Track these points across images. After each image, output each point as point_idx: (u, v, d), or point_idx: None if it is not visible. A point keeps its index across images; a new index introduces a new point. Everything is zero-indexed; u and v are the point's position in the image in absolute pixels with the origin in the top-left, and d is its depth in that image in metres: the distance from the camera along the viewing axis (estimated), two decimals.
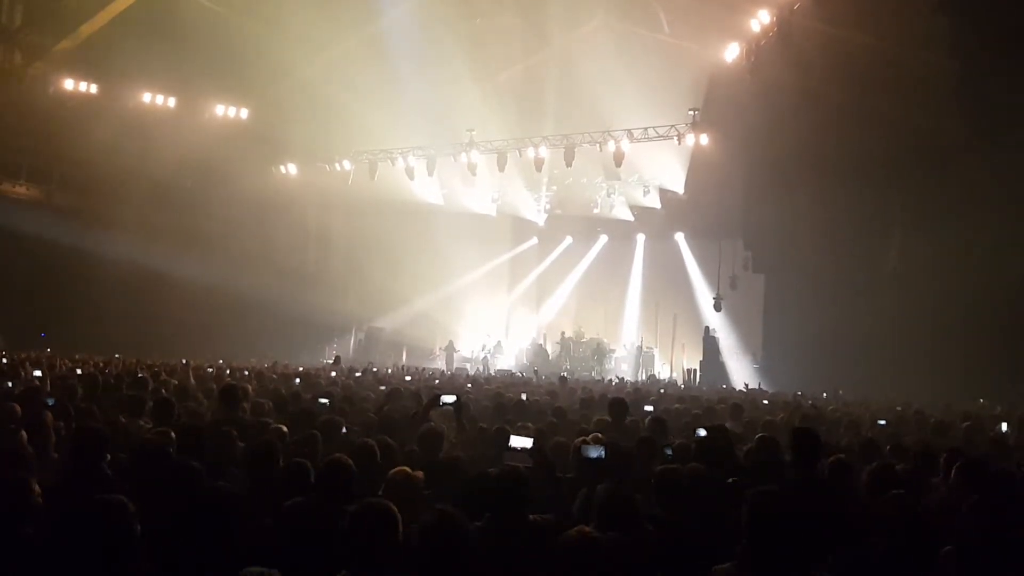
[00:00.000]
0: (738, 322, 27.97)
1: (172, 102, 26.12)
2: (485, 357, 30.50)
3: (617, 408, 8.06)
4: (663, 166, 26.95)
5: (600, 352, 29.68)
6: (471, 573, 3.57)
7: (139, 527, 3.46)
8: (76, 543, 3.38)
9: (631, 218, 31.12)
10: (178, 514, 3.82)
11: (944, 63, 17.82)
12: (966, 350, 19.16)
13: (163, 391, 9.48)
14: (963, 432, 9.17)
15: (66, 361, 15.62)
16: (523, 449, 5.55)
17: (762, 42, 20.61)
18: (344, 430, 7.06)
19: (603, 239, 33.07)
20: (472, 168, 26.27)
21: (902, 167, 19.90)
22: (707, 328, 27.28)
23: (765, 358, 26.41)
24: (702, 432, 6.72)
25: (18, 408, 6.78)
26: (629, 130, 24.30)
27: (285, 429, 6.45)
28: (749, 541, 3.33)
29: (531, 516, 4.27)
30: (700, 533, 4.42)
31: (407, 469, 4.61)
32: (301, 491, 4.53)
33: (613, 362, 29.94)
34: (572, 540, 3.38)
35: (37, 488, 3.92)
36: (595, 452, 5.46)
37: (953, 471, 5.20)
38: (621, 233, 32.08)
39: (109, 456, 5.13)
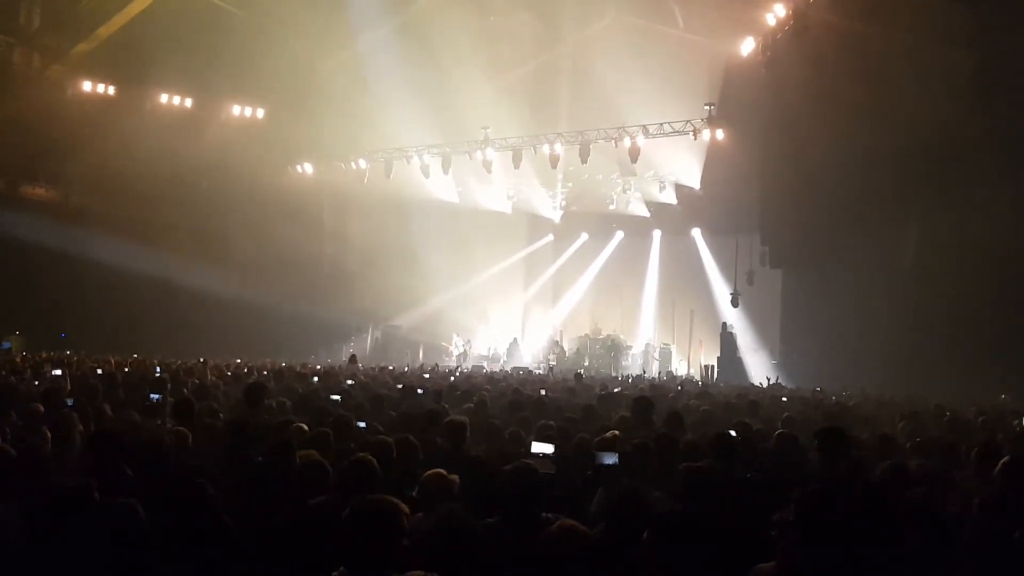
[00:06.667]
0: (755, 318, 27.81)
1: (189, 103, 26.29)
2: (464, 351, 30.43)
3: (642, 407, 7.96)
4: (679, 161, 26.83)
5: (616, 349, 29.63)
6: (479, 571, 3.56)
7: (148, 530, 3.50)
8: (87, 545, 3.42)
9: (647, 214, 31.05)
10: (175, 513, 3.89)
11: (962, 56, 17.62)
12: (986, 345, 18.95)
13: (184, 390, 9.53)
14: (980, 427, 9.08)
15: (86, 360, 15.75)
16: (544, 456, 5.55)
17: (778, 36, 20.49)
18: (364, 424, 7.09)
19: (619, 235, 32.97)
20: (487, 165, 26.24)
21: (920, 160, 19.70)
22: (724, 324, 27.14)
23: (783, 354, 26.24)
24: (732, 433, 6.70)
25: (40, 407, 6.85)
26: (644, 126, 24.22)
27: (306, 427, 6.46)
28: (797, 540, 3.29)
29: (545, 514, 4.25)
30: (718, 529, 4.39)
31: (442, 471, 4.59)
32: (319, 490, 4.55)
33: (630, 359, 29.88)
34: (555, 534, 3.37)
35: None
36: (610, 459, 5.45)
37: (999, 467, 5.06)
38: (637, 229, 31.99)
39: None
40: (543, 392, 12.45)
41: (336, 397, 9.36)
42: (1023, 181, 17.92)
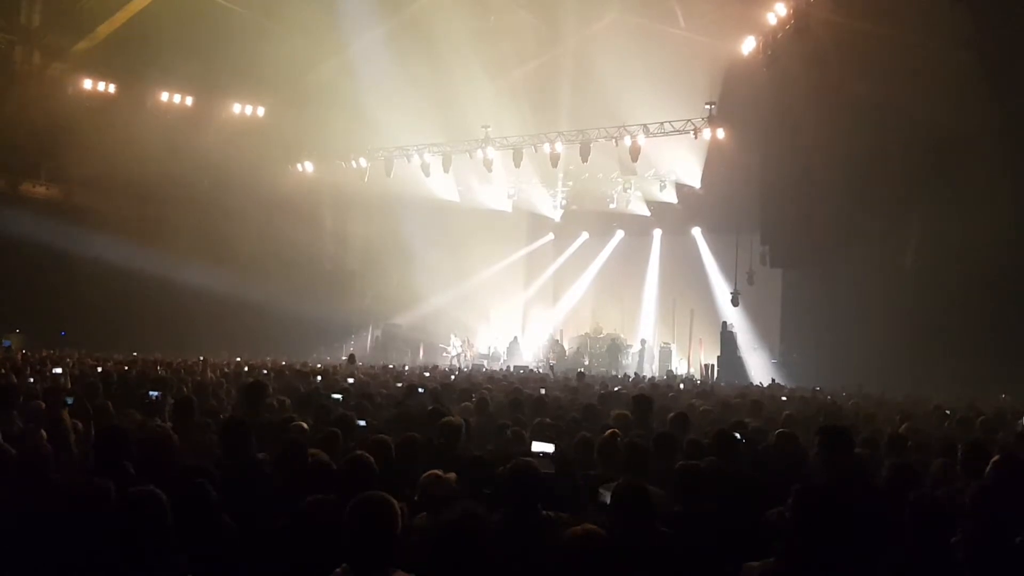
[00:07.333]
0: (756, 317, 27.82)
1: (189, 101, 26.27)
2: (461, 353, 30.39)
3: (641, 405, 7.90)
4: (679, 161, 26.82)
5: (615, 348, 29.64)
6: (490, 570, 3.56)
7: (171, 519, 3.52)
8: (111, 535, 3.44)
9: (647, 213, 31.05)
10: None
11: (962, 54, 17.63)
12: (986, 345, 18.95)
13: (184, 389, 9.53)
14: (980, 426, 9.08)
15: (87, 359, 15.75)
16: (544, 455, 5.55)
17: (779, 35, 20.48)
18: (363, 423, 7.09)
19: (619, 234, 32.98)
20: (488, 164, 26.24)
21: (921, 160, 19.71)
22: (724, 323, 27.14)
23: (783, 353, 26.25)
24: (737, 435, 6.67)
25: (42, 405, 6.86)
26: (645, 125, 24.20)
27: (306, 426, 6.46)
28: (795, 537, 3.29)
29: (546, 512, 4.25)
30: (718, 528, 4.40)
31: (439, 472, 4.59)
32: (324, 488, 4.56)
33: (630, 357, 29.90)
34: (577, 536, 3.36)
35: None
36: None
37: (990, 466, 5.05)
38: (637, 228, 32.00)
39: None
40: (543, 391, 12.45)
41: (337, 396, 9.36)
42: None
